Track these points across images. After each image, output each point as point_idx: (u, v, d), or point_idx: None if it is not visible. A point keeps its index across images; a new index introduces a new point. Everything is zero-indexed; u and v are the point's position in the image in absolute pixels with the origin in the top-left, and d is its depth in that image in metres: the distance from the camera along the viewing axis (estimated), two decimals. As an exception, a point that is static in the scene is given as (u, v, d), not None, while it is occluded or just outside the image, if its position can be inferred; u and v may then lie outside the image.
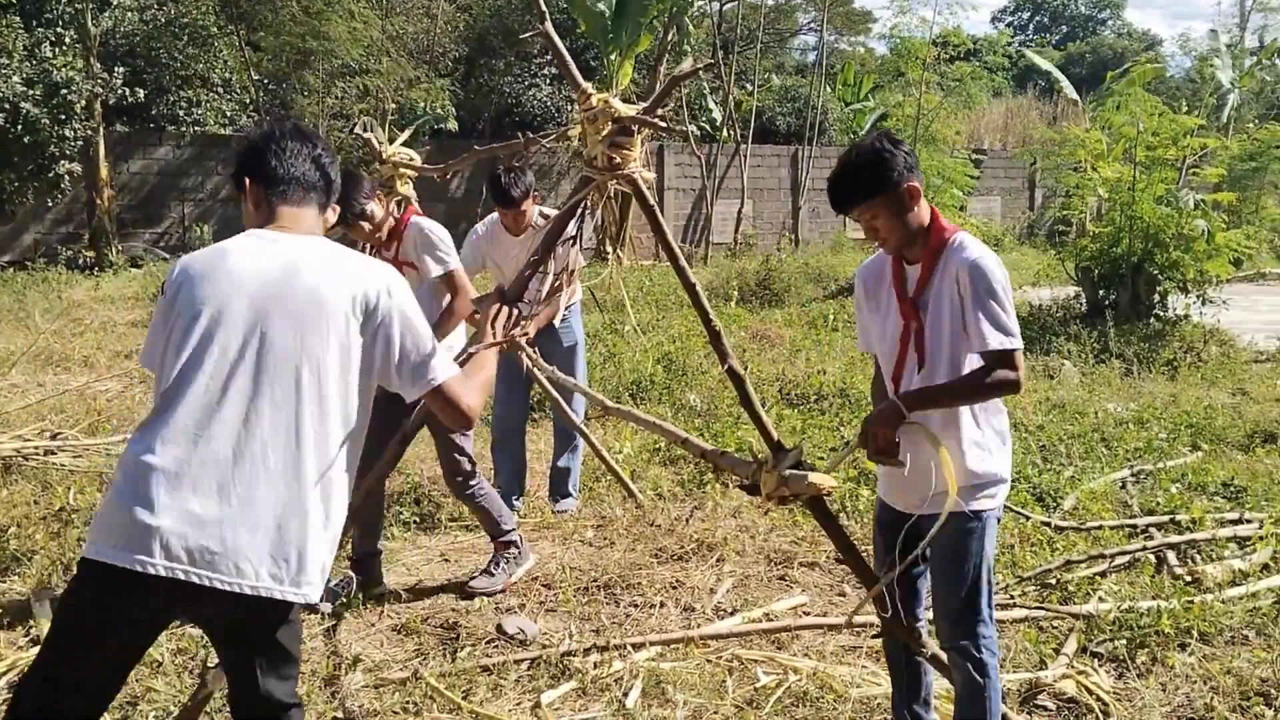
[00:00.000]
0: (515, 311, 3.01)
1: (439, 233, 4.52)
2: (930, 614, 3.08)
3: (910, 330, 2.88)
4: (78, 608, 2.23)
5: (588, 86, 2.96)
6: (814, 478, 2.73)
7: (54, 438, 6.39)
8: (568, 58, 3.06)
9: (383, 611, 4.32)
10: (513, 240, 5.27)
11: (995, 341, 2.74)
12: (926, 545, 2.80)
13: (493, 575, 4.53)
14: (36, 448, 6.09)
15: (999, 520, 2.97)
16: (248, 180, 2.49)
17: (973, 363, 2.80)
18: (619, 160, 2.92)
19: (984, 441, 2.87)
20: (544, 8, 3.11)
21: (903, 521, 2.91)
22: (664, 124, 2.90)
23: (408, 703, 3.53)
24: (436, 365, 2.39)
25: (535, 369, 4.79)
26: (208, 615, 2.29)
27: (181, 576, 2.13)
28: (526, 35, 3.52)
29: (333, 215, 2.61)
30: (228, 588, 2.15)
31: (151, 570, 2.12)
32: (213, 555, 2.14)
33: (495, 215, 5.36)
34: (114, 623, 2.19)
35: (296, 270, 2.33)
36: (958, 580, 2.87)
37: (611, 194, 3.03)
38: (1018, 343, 2.76)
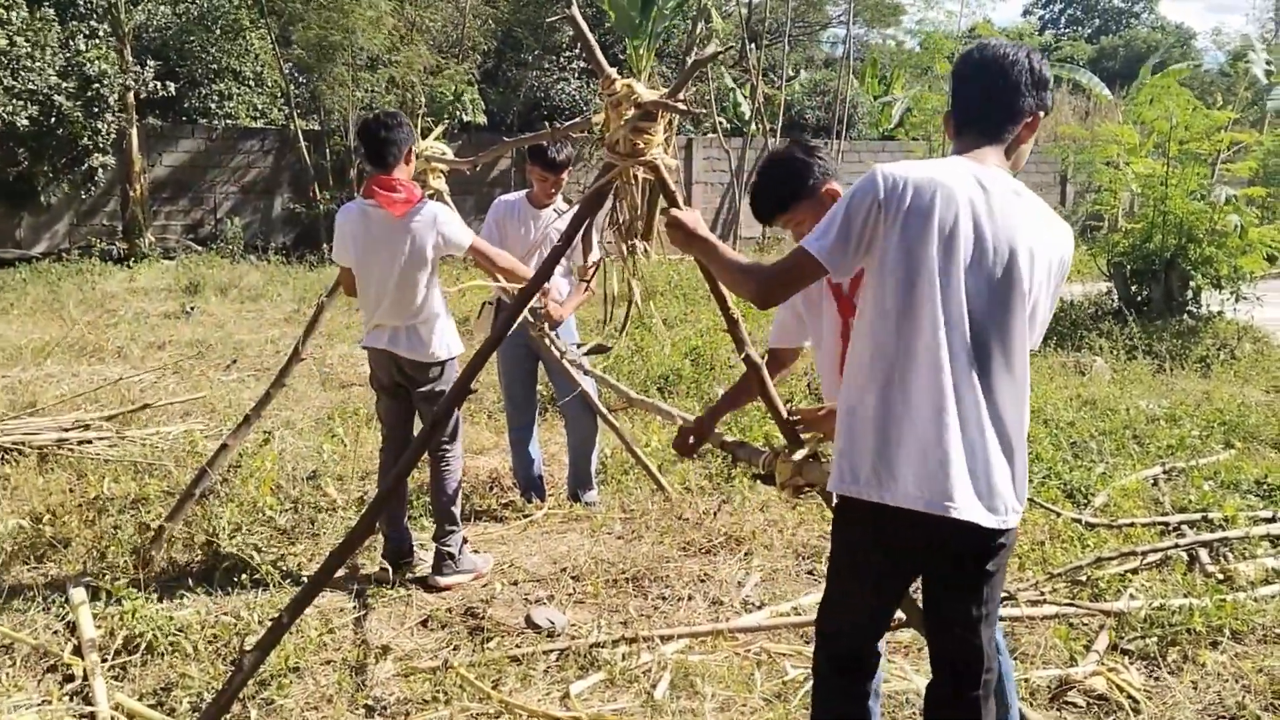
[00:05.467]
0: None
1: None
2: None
3: (849, 327, 2.66)
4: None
5: (611, 71, 2.95)
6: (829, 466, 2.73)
7: (88, 428, 6.47)
8: (593, 41, 3.05)
9: (412, 600, 4.36)
10: (531, 215, 5.34)
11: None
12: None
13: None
14: (72, 438, 6.17)
15: None
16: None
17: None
18: (641, 145, 2.90)
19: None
20: None
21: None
22: (685, 107, 2.87)
23: (437, 692, 3.55)
24: None
25: (566, 361, 4.83)
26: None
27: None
28: (552, 20, 3.53)
29: None
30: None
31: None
32: None
33: (521, 193, 5.48)
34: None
35: None
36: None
37: (640, 185, 3.02)
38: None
